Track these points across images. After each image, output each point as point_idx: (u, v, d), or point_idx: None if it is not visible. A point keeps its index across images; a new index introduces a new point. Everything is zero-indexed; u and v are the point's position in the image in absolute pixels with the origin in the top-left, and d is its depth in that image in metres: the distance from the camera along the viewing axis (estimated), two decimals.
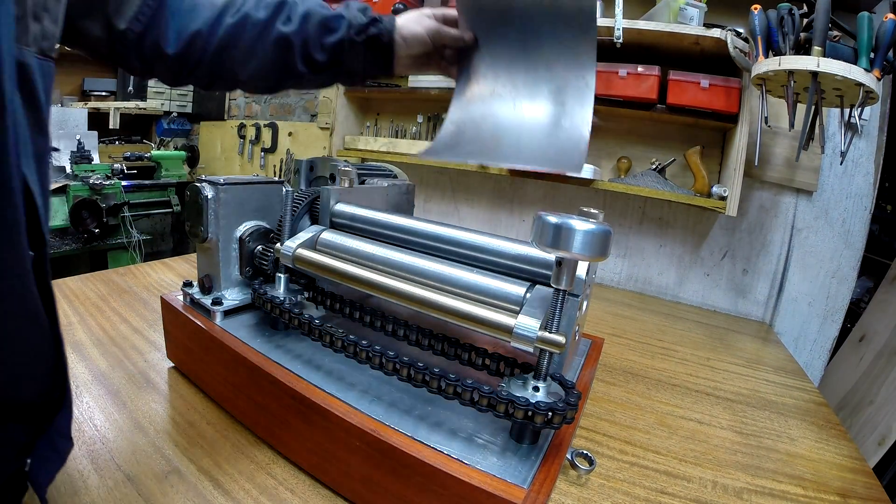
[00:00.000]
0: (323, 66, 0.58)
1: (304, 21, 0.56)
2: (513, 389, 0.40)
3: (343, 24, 0.57)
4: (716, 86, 1.07)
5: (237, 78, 0.58)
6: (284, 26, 0.55)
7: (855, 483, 0.55)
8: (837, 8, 0.83)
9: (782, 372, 0.87)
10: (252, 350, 0.50)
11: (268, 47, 0.55)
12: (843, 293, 1.18)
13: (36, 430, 0.35)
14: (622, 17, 1.05)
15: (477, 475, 0.36)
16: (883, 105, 1.10)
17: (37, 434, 0.36)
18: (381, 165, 0.81)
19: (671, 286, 1.34)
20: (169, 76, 0.56)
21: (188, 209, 0.56)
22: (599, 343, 0.67)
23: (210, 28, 0.53)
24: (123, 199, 2.24)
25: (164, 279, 0.97)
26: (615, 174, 1.33)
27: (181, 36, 0.53)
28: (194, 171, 2.84)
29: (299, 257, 0.53)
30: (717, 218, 1.26)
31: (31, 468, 0.35)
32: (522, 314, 0.40)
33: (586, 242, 0.35)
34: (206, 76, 0.57)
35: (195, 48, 0.54)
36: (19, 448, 0.35)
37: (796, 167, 1.15)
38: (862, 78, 0.78)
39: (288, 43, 0.55)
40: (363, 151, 1.63)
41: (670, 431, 0.61)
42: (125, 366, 0.61)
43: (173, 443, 0.48)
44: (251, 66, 0.56)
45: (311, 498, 0.43)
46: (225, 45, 0.54)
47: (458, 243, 0.53)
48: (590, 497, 0.47)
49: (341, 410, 0.42)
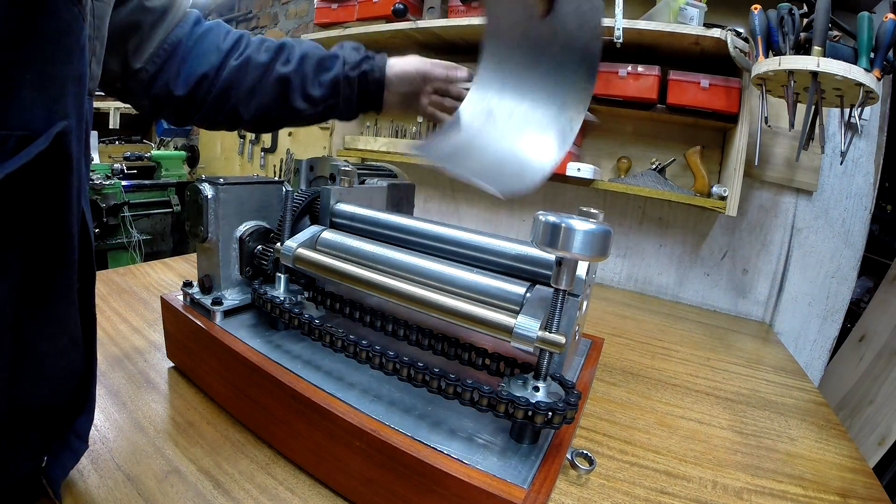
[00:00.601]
0: (320, 100, 0.62)
1: (302, 61, 0.60)
2: (513, 389, 0.40)
3: (337, 62, 0.62)
4: (716, 86, 1.07)
5: (240, 116, 0.61)
6: (283, 67, 0.59)
7: (855, 483, 0.55)
8: (837, 8, 0.83)
9: (782, 372, 0.87)
10: (252, 350, 0.50)
11: (268, 86, 0.59)
12: (843, 293, 1.18)
13: (58, 432, 0.38)
14: (622, 17, 1.05)
15: (477, 475, 0.36)
16: (883, 105, 1.10)
17: (57, 436, 0.38)
18: (381, 165, 0.81)
19: (671, 286, 1.34)
20: (175, 117, 0.60)
21: (188, 209, 0.56)
22: (599, 343, 0.67)
23: (216, 71, 0.57)
24: (123, 199, 2.24)
25: (164, 279, 0.97)
26: (615, 174, 1.33)
27: (190, 79, 0.56)
28: (194, 171, 2.84)
29: (299, 257, 0.53)
30: (717, 218, 1.26)
31: (47, 464, 0.38)
32: (522, 314, 0.40)
33: (586, 242, 0.35)
34: (211, 115, 0.60)
35: (202, 90, 0.57)
36: (40, 448, 0.37)
37: (796, 167, 1.15)
38: (862, 78, 0.78)
39: (287, 81, 0.60)
40: (363, 151, 1.63)
41: (670, 431, 0.61)
42: (125, 366, 0.61)
43: (173, 443, 0.48)
44: (253, 105, 0.60)
45: (311, 498, 0.43)
46: (229, 86, 0.58)
47: (458, 243, 0.53)
48: (590, 497, 0.47)
49: (341, 410, 0.42)
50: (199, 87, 0.57)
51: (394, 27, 1.36)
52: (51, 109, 0.26)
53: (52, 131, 0.26)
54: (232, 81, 0.58)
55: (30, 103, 0.26)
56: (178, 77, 0.55)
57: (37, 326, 0.31)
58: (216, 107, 0.59)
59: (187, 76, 0.56)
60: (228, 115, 0.60)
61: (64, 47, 0.27)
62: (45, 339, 0.32)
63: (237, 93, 0.59)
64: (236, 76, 0.58)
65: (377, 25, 1.41)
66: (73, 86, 0.28)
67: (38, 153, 0.25)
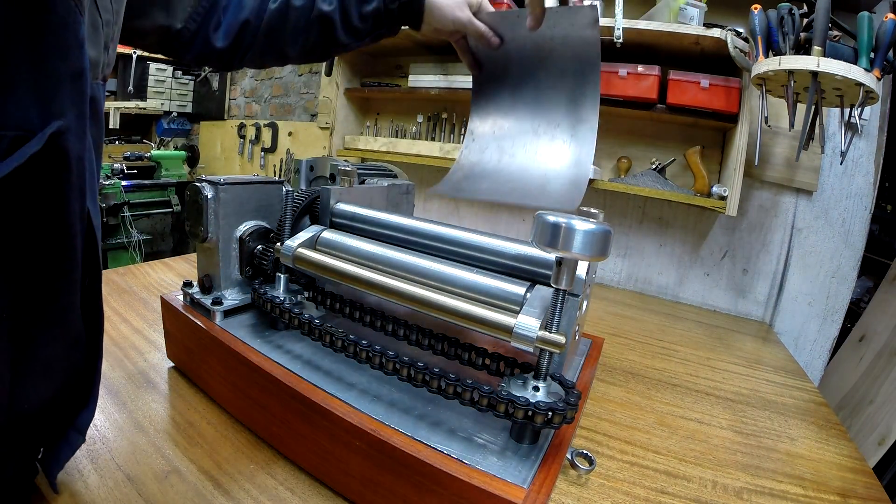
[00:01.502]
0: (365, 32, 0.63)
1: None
2: (513, 389, 0.40)
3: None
4: (716, 86, 1.07)
5: (287, 55, 0.62)
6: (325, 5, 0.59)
7: (855, 483, 0.55)
8: (837, 8, 0.83)
9: (782, 372, 0.87)
10: (252, 350, 0.50)
11: (312, 26, 0.60)
12: (843, 293, 1.18)
13: (59, 428, 0.38)
14: (622, 17, 1.05)
15: (477, 475, 0.36)
16: (883, 105, 1.10)
17: (58, 432, 0.38)
18: (381, 165, 0.81)
19: (671, 286, 1.34)
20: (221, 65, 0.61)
21: (188, 209, 0.56)
22: (599, 343, 0.67)
23: (257, 15, 0.57)
24: (123, 199, 2.24)
25: (164, 279, 0.97)
26: (615, 174, 1.33)
27: (231, 29, 0.57)
28: (194, 170, 2.84)
29: (299, 257, 0.53)
30: (717, 218, 1.26)
31: (43, 456, 0.38)
32: (522, 314, 0.40)
33: (586, 242, 0.35)
34: (258, 58, 0.61)
35: (245, 36, 0.58)
36: (38, 441, 0.37)
37: (796, 167, 1.15)
38: (862, 78, 0.78)
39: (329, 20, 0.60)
40: (363, 151, 1.63)
41: (670, 431, 0.61)
42: (125, 366, 0.61)
43: (173, 443, 0.48)
44: (299, 44, 0.61)
45: (311, 498, 0.43)
46: (272, 29, 0.58)
47: (458, 243, 0.53)
48: (590, 497, 0.47)
49: (341, 410, 0.42)
50: (242, 35, 0.57)
51: None
52: (46, 108, 0.26)
53: (47, 132, 0.25)
54: (273, 26, 0.58)
55: (24, 102, 0.25)
56: (219, 29, 0.56)
57: (38, 328, 0.31)
58: (262, 50, 0.60)
59: (228, 27, 0.56)
60: (275, 56, 0.62)
61: (60, 43, 0.26)
62: (46, 341, 0.32)
63: (281, 35, 0.59)
64: (277, 20, 0.58)
65: None
66: (71, 82, 0.27)
67: (32, 155, 0.24)
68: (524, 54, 0.68)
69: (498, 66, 0.71)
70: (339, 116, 1.68)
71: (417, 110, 1.63)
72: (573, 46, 0.63)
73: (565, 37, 0.63)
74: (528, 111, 0.70)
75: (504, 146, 0.71)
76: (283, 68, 2.39)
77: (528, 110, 0.70)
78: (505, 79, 0.71)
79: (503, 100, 0.72)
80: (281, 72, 2.40)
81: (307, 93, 2.27)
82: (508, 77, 0.71)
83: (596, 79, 0.64)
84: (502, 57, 0.69)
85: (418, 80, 1.49)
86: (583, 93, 0.65)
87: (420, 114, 1.62)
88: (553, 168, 0.66)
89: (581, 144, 0.65)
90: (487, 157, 0.72)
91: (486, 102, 0.74)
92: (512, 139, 0.71)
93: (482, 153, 0.72)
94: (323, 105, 2.08)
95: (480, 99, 0.74)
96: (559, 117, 0.67)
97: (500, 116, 0.72)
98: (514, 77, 0.70)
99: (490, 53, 0.70)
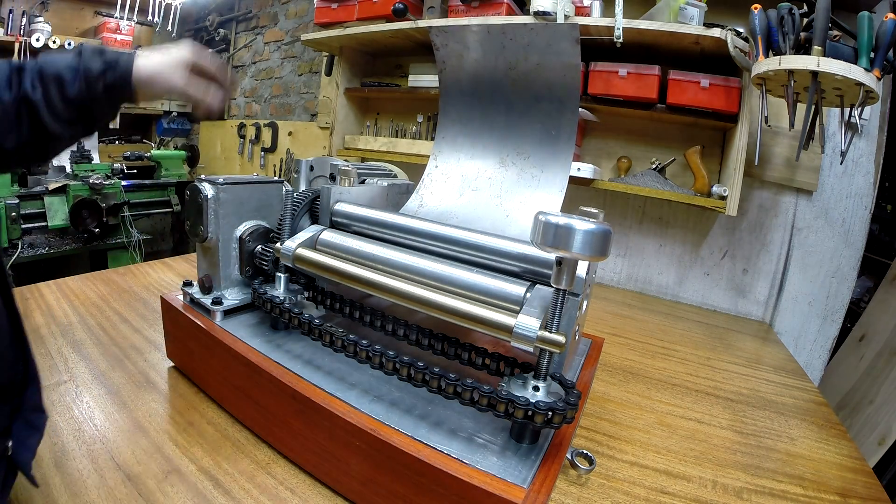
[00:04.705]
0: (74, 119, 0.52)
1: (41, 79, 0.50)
2: (513, 389, 0.40)
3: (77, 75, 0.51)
4: (716, 85, 1.07)
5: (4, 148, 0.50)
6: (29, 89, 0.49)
7: (855, 483, 0.55)
8: (837, 8, 0.83)
9: (782, 372, 0.87)
10: (252, 350, 0.50)
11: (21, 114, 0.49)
12: (843, 293, 1.18)
13: (11, 410, 0.37)
14: (622, 17, 1.04)
15: (477, 475, 0.36)
16: (883, 105, 1.09)
17: (12, 415, 0.37)
18: (381, 165, 0.81)
19: (671, 286, 1.34)
20: None
21: (188, 209, 0.56)
22: (599, 343, 0.67)
23: None
24: (123, 199, 2.23)
25: (164, 279, 0.97)
26: (615, 174, 1.33)
27: None
28: (194, 170, 2.84)
29: (299, 257, 0.53)
30: (717, 217, 1.26)
31: (13, 450, 0.37)
32: (522, 314, 0.40)
33: (586, 242, 0.35)
34: None
35: None
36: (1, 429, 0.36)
37: (796, 167, 1.15)
38: (862, 77, 0.78)
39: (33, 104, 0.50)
40: (363, 151, 1.63)
41: (670, 431, 0.61)
42: (125, 366, 0.61)
43: (173, 443, 0.48)
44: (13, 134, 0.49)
45: (311, 498, 0.43)
46: None
47: (458, 243, 0.53)
48: (590, 497, 0.47)
49: (341, 410, 0.42)
50: None
51: (394, 27, 1.36)
52: None
53: None
54: None
55: None
56: None
57: None
58: None
59: None
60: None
61: None
62: None
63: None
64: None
65: (377, 25, 1.41)
66: None
67: None
68: (496, 76, 0.62)
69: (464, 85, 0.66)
70: (339, 116, 1.68)
71: (417, 110, 1.63)
72: (550, 69, 0.57)
73: (540, 59, 0.58)
74: (497, 138, 0.64)
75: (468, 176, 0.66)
76: (282, 68, 2.39)
77: (496, 137, 0.65)
78: (473, 101, 0.66)
79: (472, 123, 0.67)
80: (281, 71, 2.40)
81: (307, 92, 2.27)
82: (477, 97, 0.65)
83: (574, 107, 0.58)
84: (470, 76, 0.64)
85: (418, 80, 1.49)
86: (558, 123, 0.59)
87: (420, 114, 1.62)
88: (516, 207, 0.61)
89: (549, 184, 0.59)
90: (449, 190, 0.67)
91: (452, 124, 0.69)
92: (476, 170, 0.65)
93: (445, 182, 0.68)
94: (323, 105, 2.08)
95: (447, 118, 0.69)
96: (529, 148, 0.62)
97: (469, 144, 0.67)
98: (486, 98, 0.65)
99: (456, 70, 0.65)
